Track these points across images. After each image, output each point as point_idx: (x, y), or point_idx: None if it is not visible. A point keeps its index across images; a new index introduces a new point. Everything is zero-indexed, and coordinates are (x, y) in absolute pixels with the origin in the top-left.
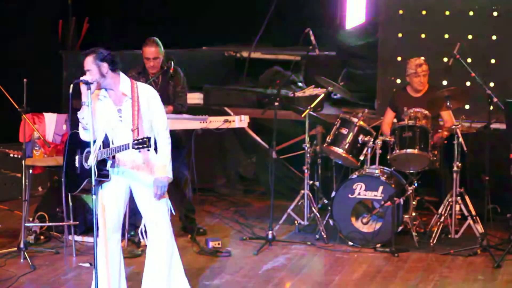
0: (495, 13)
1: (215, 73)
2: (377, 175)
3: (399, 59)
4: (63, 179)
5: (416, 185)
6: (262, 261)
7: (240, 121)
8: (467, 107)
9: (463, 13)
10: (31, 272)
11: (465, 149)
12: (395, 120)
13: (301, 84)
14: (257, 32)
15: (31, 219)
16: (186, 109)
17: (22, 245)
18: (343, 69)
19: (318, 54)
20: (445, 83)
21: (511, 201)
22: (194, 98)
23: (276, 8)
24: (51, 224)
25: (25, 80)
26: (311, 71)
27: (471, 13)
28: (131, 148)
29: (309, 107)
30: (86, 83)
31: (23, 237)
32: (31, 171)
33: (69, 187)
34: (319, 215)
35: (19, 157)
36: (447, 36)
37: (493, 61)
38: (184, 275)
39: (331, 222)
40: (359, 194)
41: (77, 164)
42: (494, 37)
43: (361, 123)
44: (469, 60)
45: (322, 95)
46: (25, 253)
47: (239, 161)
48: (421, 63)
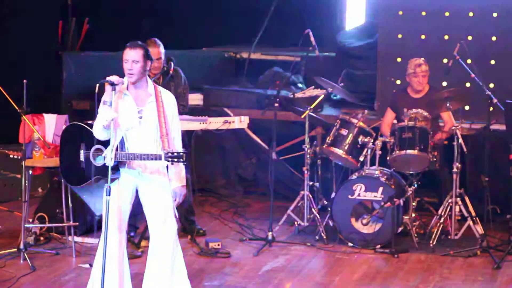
0: (495, 14)
1: (215, 74)
2: (377, 176)
3: (399, 60)
4: (59, 168)
5: (416, 186)
6: (262, 262)
7: (240, 122)
8: (467, 108)
9: (463, 14)
10: (31, 273)
11: (465, 150)
12: (395, 121)
13: (300, 85)
14: (257, 32)
15: (31, 220)
16: (187, 110)
17: (22, 246)
18: (343, 70)
19: (317, 55)
20: (445, 84)
21: (511, 202)
22: (194, 99)
23: (276, 8)
24: (51, 225)
25: (25, 81)
26: (311, 72)
27: (471, 14)
28: (163, 159)
29: (309, 108)
30: (111, 84)
31: (23, 238)
32: (31, 172)
33: (69, 179)
34: (318, 216)
35: (19, 158)
36: (447, 37)
37: (493, 62)
38: (186, 277)
39: (331, 223)
40: (359, 195)
41: (81, 158)
42: (494, 38)
43: (361, 124)
44: (469, 61)
45: (321, 96)
46: (25, 254)
47: (239, 162)
48: (420, 63)
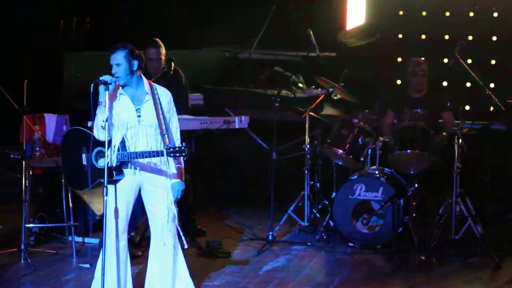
0: (495, 14)
1: (215, 74)
2: (378, 176)
3: (399, 59)
4: (63, 175)
5: (416, 186)
6: (262, 261)
7: (240, 122)
8: (468, 108)
9: (463, 14)
10: (32, 272)
11: (465, 149)
12: (396, 121)
13: (301, 85)
14: (258, 32)
15: (31, 220)
16: (188, 110)
17: (22, 246)
18: (343, 70)
19: (318, 54)
20: (445, 84)
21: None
22: (194, 98)
23: (276, 8)
24: (51, 225)
25: (25, 80)
26: (311, 72)
27: (471, 14)
28: (165, 155)
29: (309, 108)
30: (104, 83)
31: (23, 237)
32: (31, 172)
33: (74, 184)
34: (319, 216)
35: (20, 157)
36: (447, 37)
37: (493, 62)
38: (189, 276)
39: (332, 223)
40: (360, 195)
41: (84, 162)
42: (494, 38)
43: (362, 124)
44: (469, 61)
45: (322, 96)
46: (26, 253)
47: (239, 162)
48: (420, 62)
